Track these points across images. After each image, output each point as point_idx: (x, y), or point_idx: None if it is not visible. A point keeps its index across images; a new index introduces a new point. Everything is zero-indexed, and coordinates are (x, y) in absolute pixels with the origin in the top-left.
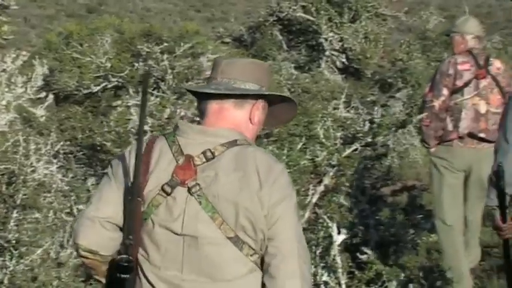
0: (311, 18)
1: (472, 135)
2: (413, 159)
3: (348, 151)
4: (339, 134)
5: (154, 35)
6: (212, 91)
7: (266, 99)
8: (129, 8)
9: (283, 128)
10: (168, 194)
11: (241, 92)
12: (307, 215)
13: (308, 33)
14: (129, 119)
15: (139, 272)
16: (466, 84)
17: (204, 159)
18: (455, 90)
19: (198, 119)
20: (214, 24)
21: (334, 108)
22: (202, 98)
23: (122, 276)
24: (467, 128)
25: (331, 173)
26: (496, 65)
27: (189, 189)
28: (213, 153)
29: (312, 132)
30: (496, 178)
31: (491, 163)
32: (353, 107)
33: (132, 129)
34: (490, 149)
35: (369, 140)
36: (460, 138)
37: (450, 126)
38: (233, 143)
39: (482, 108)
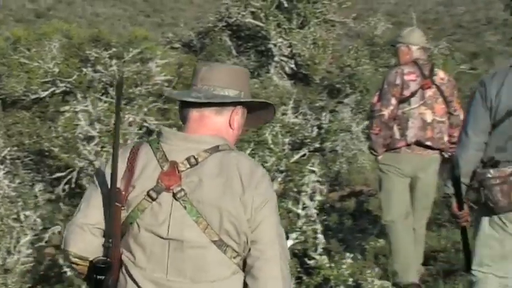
0: (260, 24)
1: (419, 143)
2: (361, 165)
3: (296, 157)
4: (287, 140)
5: (102, 40)
6: (192, 99)
7: (245, 104)
8: (78, 13)
9: None
10: (154, 199)
11: (221, 100)
12: None
13: (257, 38)
14: (77, 125)
15: (125, 273)
16: (413, 94)
17: (188, 165)
18: (403, 100)
19: (146, 124)
20: (163, 30)
21: (283, 114)
22: (184, 105)
23: (98, 277)
24: (414, 136)
25: (279, 179)
26: (440, 75)
27: (174, 195)
28: (196, 159)
29: (261, 137)
30: (452, 167)
31: (436, 168)
32: (301, 112)
33: (80, 135)
34: (435, 155)
35: (317, 145)
36: (408, 145)
37: (398, 135)
38: (216, 149)
39: (429, 117)
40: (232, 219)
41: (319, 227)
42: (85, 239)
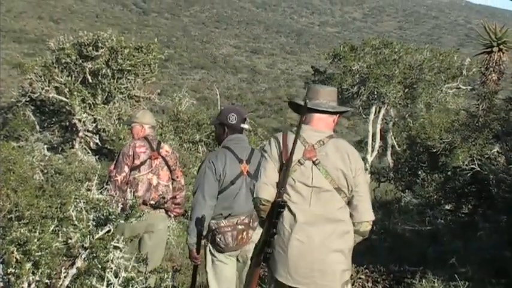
0: (64, 99)
1: (145, 203)
2: (168, 241)
3: (100, 233)
4: (91, 216)
5: None
6: (323, 109)
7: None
8: None
9: (34, 209)
10: (302, 164)
11: (338, 110)
12: None
13: (61, 113)
14: None
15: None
16: (142, 163)
17: (319, 145)
18: (134, 168)
19: None
20: None
21: (88, 190)
22: (309, 109)
23: (280, 210)
24: (142, 197)
25: (83, 256)
26: (166, 148)
27: (313, 162)
28: (323, 142)
29: (65, 214)
30: (196, 223)
31: (165, 224)
32: (106, 188)
33: None
34: (162, 214)
35: (122, 221)
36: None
37: (129, 196)
38: (331, 137)
39: (155, 181)
40: (346, 176)
41: None
42: (268, 190)
